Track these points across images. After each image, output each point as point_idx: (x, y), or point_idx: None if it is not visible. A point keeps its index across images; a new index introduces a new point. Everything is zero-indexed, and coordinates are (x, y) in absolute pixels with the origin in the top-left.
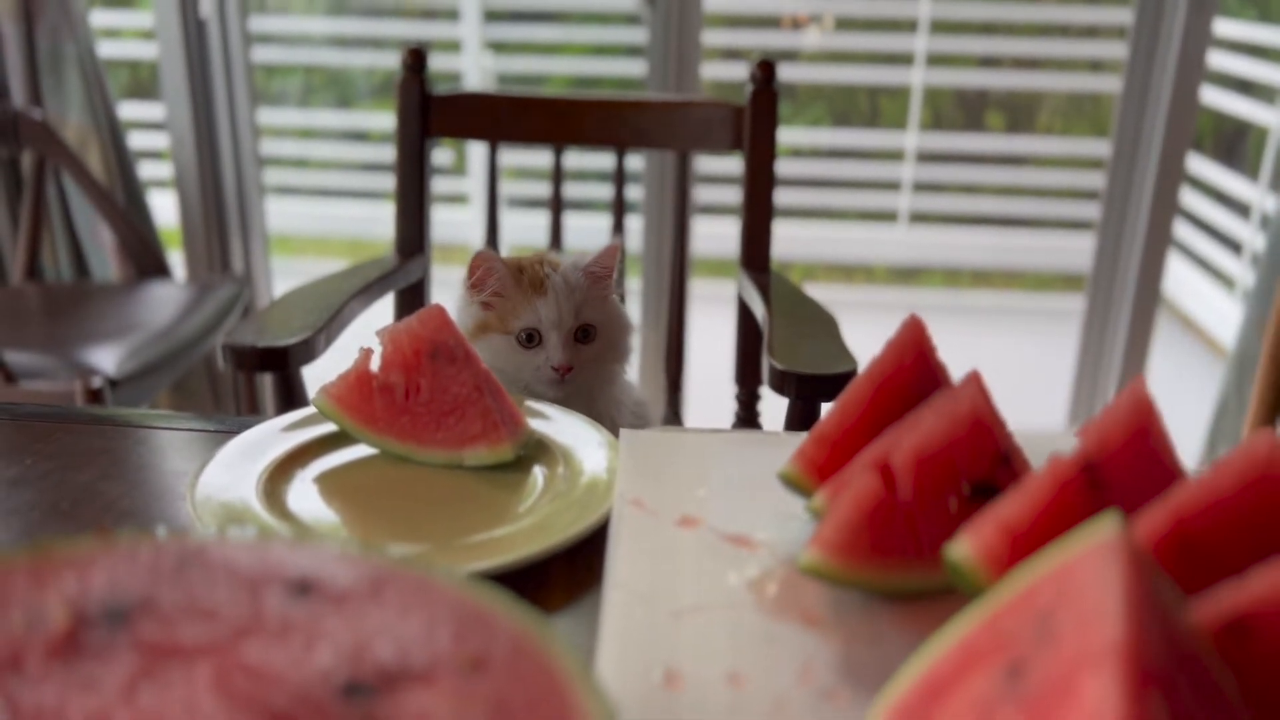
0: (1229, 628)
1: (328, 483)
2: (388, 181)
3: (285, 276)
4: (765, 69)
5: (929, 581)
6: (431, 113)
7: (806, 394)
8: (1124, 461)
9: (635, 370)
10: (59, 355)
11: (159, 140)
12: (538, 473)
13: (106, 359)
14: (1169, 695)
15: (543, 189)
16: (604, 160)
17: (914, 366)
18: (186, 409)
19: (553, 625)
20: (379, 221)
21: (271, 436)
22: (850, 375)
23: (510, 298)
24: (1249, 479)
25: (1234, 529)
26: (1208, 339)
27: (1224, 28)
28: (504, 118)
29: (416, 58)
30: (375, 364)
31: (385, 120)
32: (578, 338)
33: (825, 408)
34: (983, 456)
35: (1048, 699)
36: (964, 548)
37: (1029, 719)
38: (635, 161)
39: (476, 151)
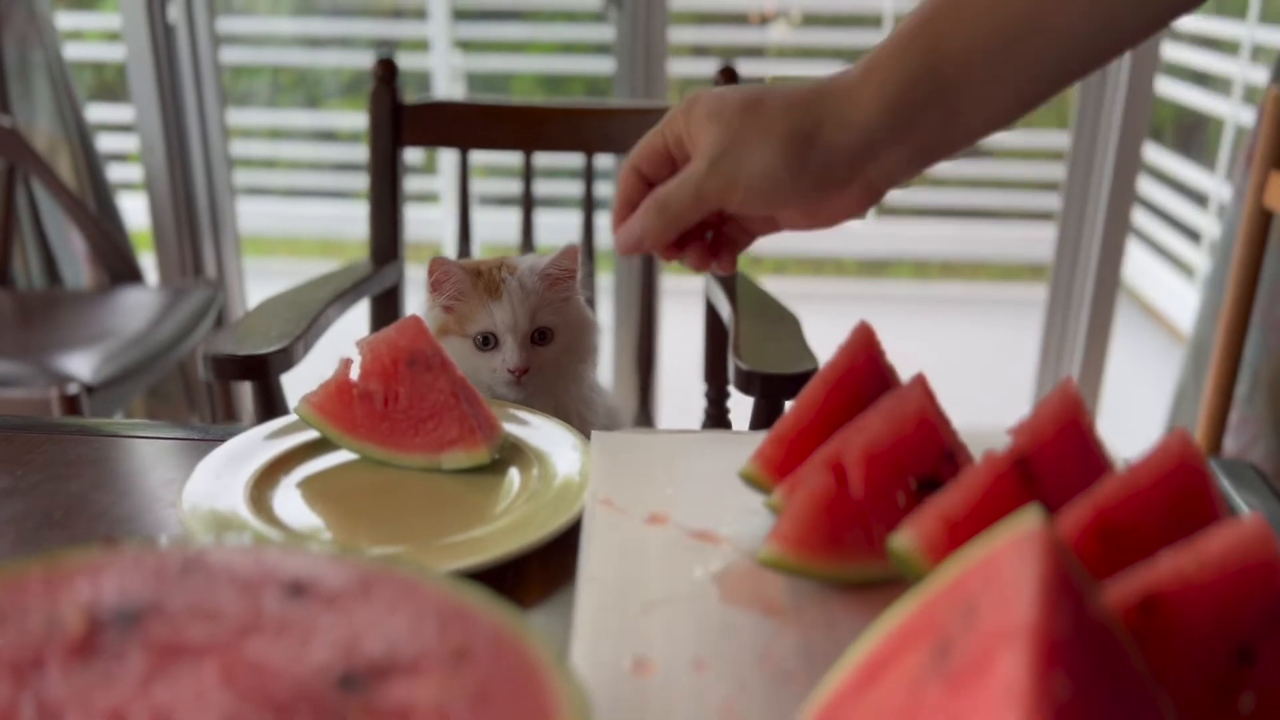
0: (1139, 605)
1: (311, 488)
2: (358, 181)
3: (257, 278)
4: (728, 75)
5: (880, 571)
6: (403, 122)
7: (771, 393)
8: (1054, 455)
9: (607, 368)
10: (34, 363)
11: (128, 143)
12: (513, 475)
13: (82, 366)
14: (1075, 670)
15: (513, 186)
16: (574, 158)
17: (865, 369)
18: (162, 415)
19: (529, 619)
20: (350, 220)
21: (255, 444)
22: (811, 374)
23: (468, 301)
24: (1164, 473)
25: (1150, 519)
26: (1167, 325)
27: (1181, 20)
28: (475, 126)
29: (387, 68)
30: (355, 373)
31: (354, 120)
32: (535, 340)
33: (789, 405)
34: (928, 454)
35: (968, 675)
36: (906, 537)
37: (951, 694)
38: (605, 160)
39: (447, 151)
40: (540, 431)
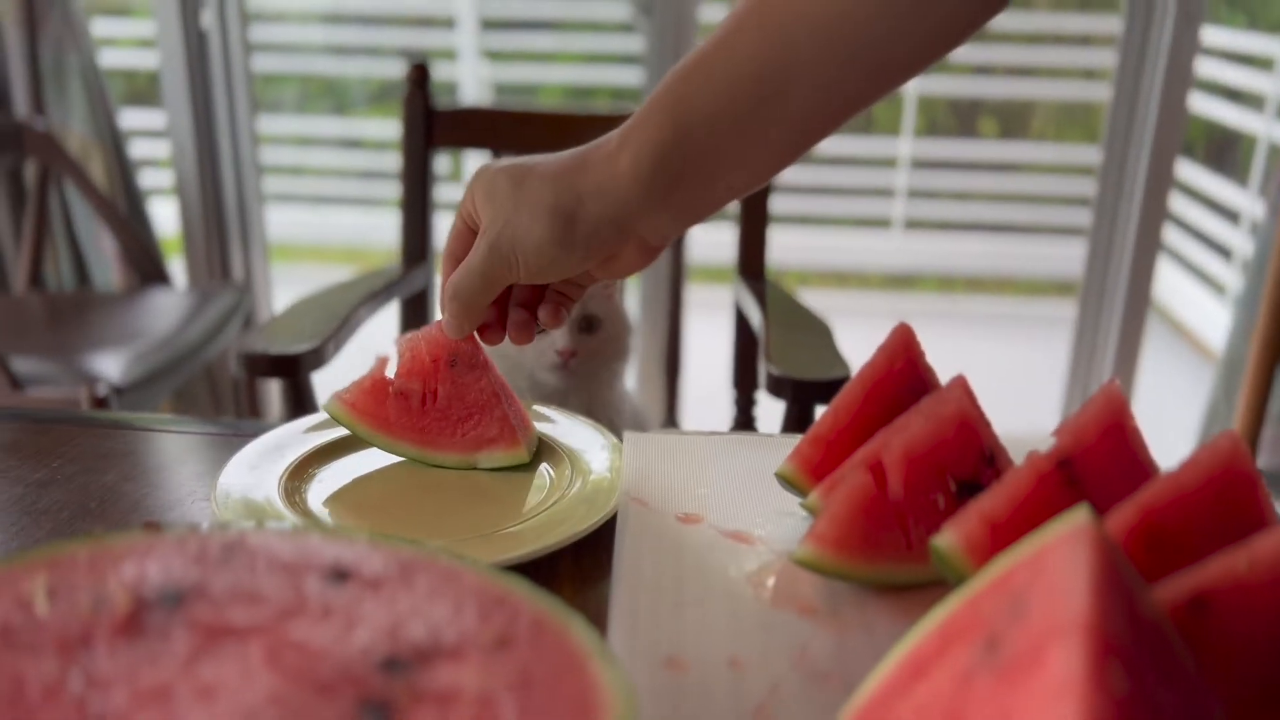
0: (1189, 604)
1: (342, 484)
2: (384, 189)
3: (284, 284)
4: None
5: (917, 574)
6: (435, 126)
7: (802, 398)
8: (1097, 457)
9: (633, 375)
10: (64, 363)
11: (158, 149)
12: (545, 472)
13: (111, 366)
14: (1129, 665)
15: None
16: None
17: (903, 371)
18: (188, 416)
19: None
20: (376, 229)
21: (288, 439)
22: (843, 380)
23: None
24: (1212, 475)
25: (1198, 521)
26: (1198, 344)
27: (1215, 36)
28: (506, 131)
29: (420, 73)
30: (391, 371)
31: (381, 128)
32: (582, 327)
33: (820, 410)
34: (968, 456)
35: (1019, 669)
36: (949, 538)
37: (1002, 687)
38: None
39: (472, 160)
40: (570, 430)
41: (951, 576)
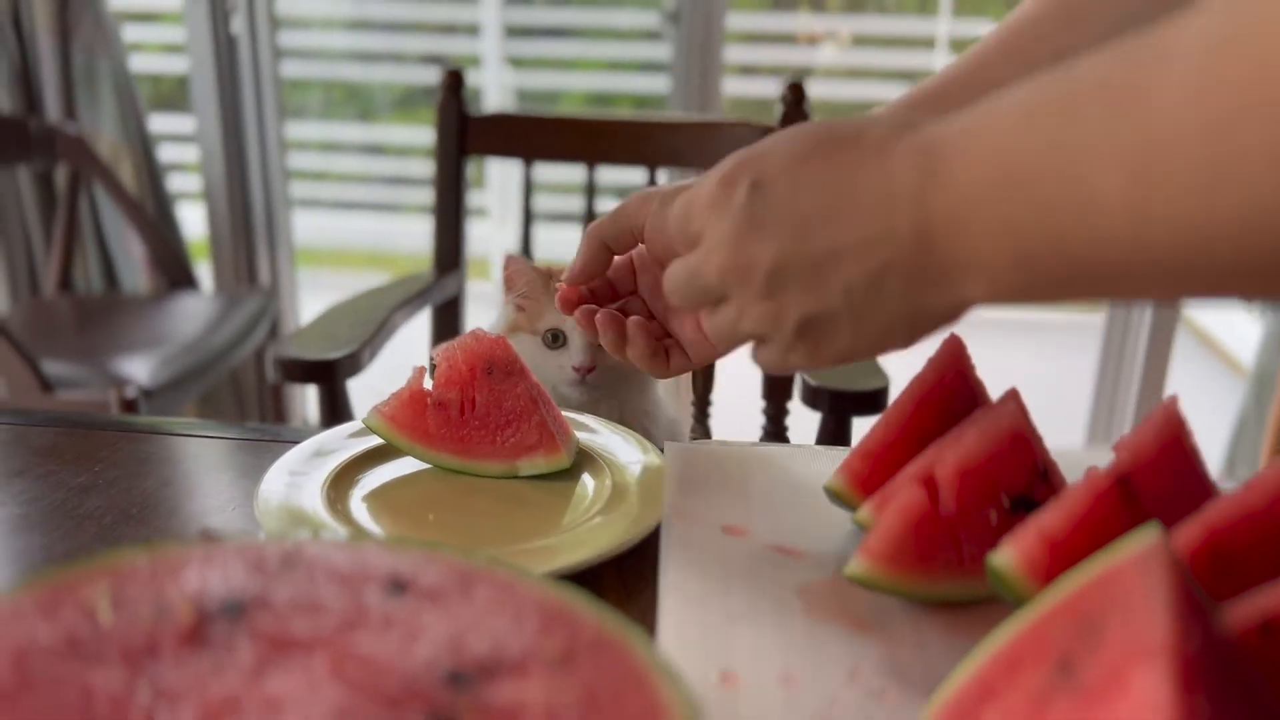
0: (1259, 627)
1: (384, 491)
2: (407, 195)
3: (309, 289)
4: (796, 90)
5: (969, 590)
6: (469, 132)
7: (839, 409)
8: (1156, 474)
9: (663, 383)
10: (93, 365)
11: (187, 153)
12: (586, 481)
13: (140, 369)
14: (1211, 690)
15: (565, 203)
16: (634, 176)
17: (953, 383)
18: (213, 420)
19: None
20: (399, 235)
21: (329, 446)
22: (881, 391)
23: (538, 299)
24: (1278, 495)
25: (1264, 541)
26: (1226, 356)
27: None
28: (539, 138)
29: (455, 79)
30: (428, 382)
31: (405, 134)
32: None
33: (856, 422)
34: (1022, 471)
35: (1099, 691)
36: (1006, 555)
37: (1081, 709)
38: (640, 176)
39: (496, 167)
40: (608, 439)
41: (1008, 595)
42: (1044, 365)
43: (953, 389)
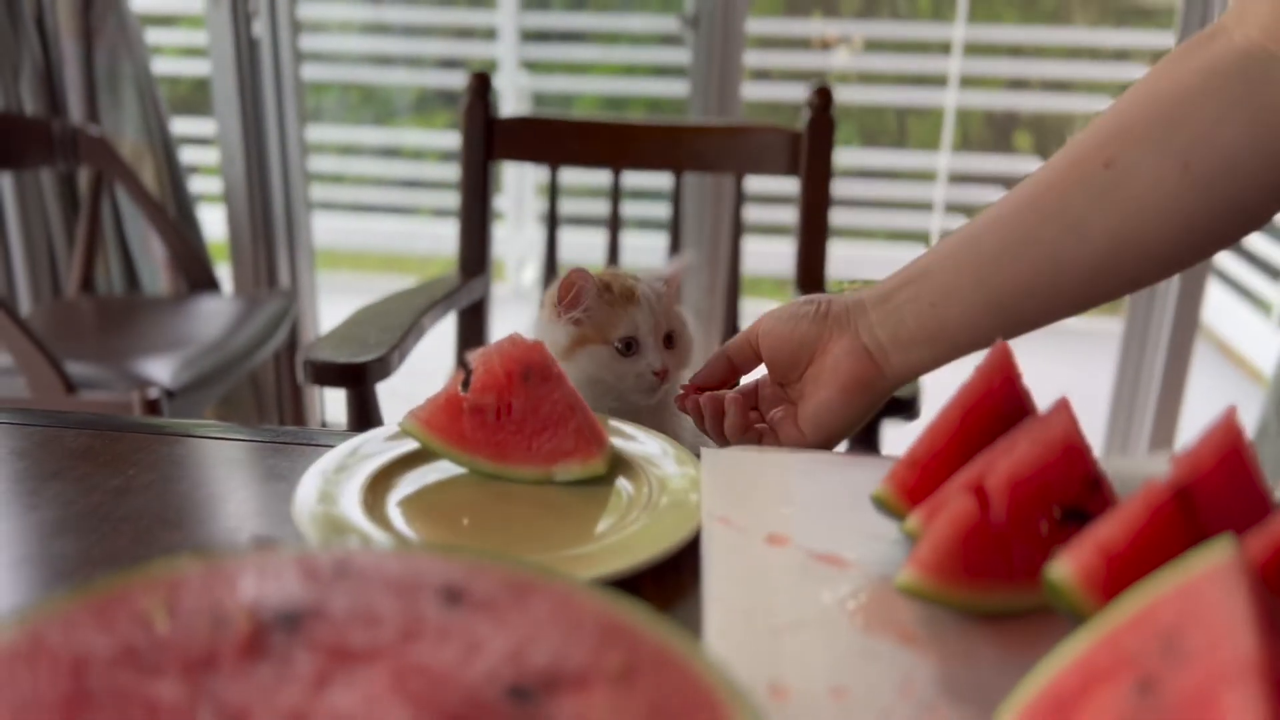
0: None
1: (419, 497)
2: (424, 197)
3: (328, 291)
4: (823, 95)
5: (1020, 602)
6: (495, 136)
7: None
8: (1215, 486)
9: None
10: (115, 367)
11: (207, 155)
12: (622, 486)
13: (162, 371)
14: None
15: (585, 207)
16: (652, 180)
17: (1001, 392)
18: (233, 422)
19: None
20: (415, 236)
21: (365, 450)
22: (912, 400)
23: (600, 311)
24: None
25: None
26: (1246, 365)
27: None
28: (565, 142)
29: (482, 82)
30: (464, 387)
31: (423, 137)
32: (667, 344)
33: (887, 429)
34: (1074, 481)
35: (1184, 712)
36: (1064, 568)
37: None
38: (659, 180)
39: (512, 170)
40: (645, 445)
41: (1064, 608)
42: (1062, 372)
43: (1000, 398)
